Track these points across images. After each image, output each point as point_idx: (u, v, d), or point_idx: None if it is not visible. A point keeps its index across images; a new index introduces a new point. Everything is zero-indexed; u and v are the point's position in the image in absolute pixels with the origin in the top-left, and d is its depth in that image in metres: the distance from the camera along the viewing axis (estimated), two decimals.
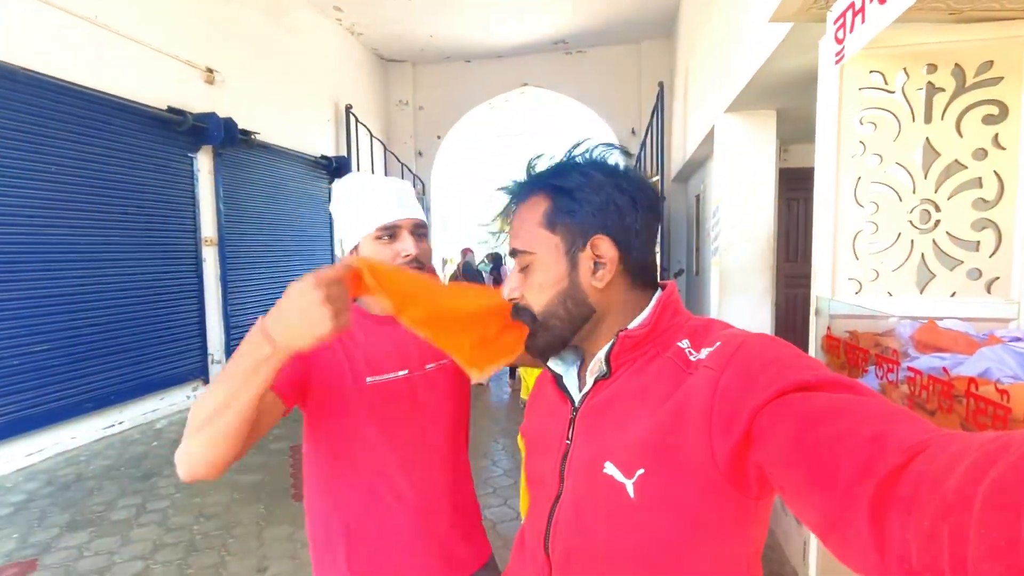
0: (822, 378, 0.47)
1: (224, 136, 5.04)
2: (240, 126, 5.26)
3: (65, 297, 3.88)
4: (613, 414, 0.62)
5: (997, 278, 1.57)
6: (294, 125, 6.70)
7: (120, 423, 4.31)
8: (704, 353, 0.57)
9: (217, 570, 2.43)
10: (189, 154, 5.00)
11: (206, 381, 5.20)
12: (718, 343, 0.57)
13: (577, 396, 0.68)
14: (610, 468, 0.59)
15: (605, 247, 0.64)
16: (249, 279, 5.91)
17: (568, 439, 0.66)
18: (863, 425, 0.39)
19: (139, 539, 2.70)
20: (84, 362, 4.03)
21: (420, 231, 0.93)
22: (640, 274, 0.67)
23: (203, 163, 5.18)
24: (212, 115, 4.98)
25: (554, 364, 0.71)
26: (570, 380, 0.71)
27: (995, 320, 1.55)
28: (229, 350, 5.51)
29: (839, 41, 1.35)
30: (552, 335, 0.67)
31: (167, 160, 4.77)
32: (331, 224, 7.49)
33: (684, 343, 0.61)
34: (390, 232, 0.90)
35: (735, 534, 0.57)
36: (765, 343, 0.55)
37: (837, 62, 1.32)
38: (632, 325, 0.63)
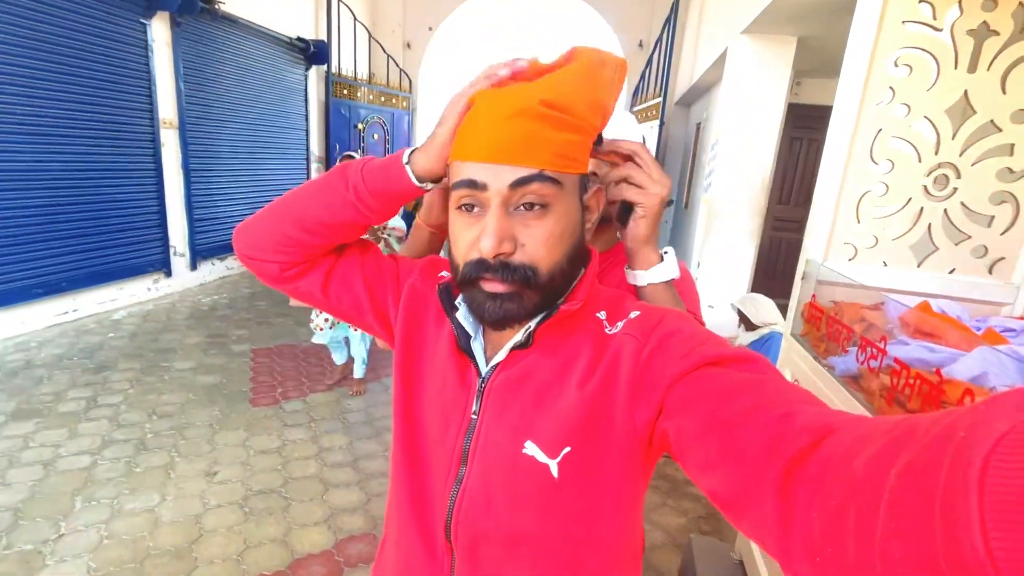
0: (729, 354, 0.48)
1: (182, 0, 4.45)
2: None
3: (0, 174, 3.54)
4: (531, 389, 0.57)
5: (1002, 258, 1.45)
6: None
7: (74, 311, 4.15)
8: (619, 326, 0.56)
9: (166, 471, 2.41)
10: (142, 20, 4.43)
11: (168, 273, 5.01)
12: (637, 312, 0.57)
13: (485, 364, 0.60)
14: (531, 448, 0.55)
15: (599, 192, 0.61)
16: (215, 169, 5.51)
17: (474, 413, 0.58)
18: (772, 403, 0.41)
19: (87, 433, 2.65)
20: (28, 246, 3.78)
21: None
22: None
23: (159, 33, 4.62)
24: None
25: (466, 320, 0.60)
26: (478, 344, 0.61)
27: (990, 303, 1.45)
28: (193, 243, 5.26)
29: None
30: (546, 299, 0.56)
31: (115, 25, 4.21)
32: (307, 116, 6.95)
33: (602, 314, 0.59)
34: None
35: (642, 492, 0.59)
36: (683, 318, 0.55)
37: None
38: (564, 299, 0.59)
